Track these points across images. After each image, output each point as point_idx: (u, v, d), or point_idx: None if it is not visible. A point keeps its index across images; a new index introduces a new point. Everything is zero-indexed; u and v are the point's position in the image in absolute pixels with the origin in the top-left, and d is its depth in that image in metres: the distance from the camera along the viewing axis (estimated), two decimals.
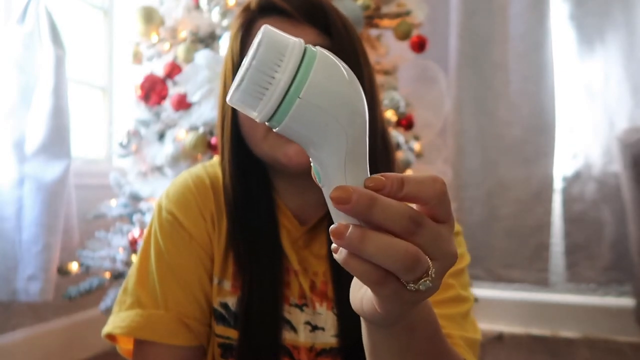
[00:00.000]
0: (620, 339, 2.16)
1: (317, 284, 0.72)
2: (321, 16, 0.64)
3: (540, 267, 2.23)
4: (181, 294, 0.68)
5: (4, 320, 1.64)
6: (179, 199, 0.71)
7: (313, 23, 0.64)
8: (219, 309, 0.71)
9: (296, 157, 0.64)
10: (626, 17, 2.16)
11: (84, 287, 1.45)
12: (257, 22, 0.65)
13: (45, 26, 1.55)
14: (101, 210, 1.62)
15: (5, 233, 1.52)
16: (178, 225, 0.69)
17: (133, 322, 0.66)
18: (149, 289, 0.68)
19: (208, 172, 0.73)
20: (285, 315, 0.70)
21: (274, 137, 0.64)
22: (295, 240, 0.72)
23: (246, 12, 0.67)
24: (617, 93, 2.17)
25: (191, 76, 1.41)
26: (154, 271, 0.68)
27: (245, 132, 0.66)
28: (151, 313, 0.66)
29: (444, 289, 0.65)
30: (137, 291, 0.68)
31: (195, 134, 1.41)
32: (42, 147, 1.54)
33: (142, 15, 1.60)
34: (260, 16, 0.65)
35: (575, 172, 2.22)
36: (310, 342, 0.71)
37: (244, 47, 0.65)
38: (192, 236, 0.69)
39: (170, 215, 0.70)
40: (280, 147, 0.64)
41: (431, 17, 2.10)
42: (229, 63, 0.67)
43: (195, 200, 0.71)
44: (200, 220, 0.70)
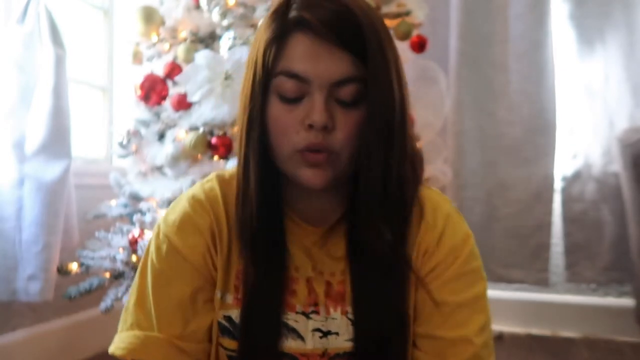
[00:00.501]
0: (620, 339, 2.16)
1: (333, 285, 0.71)
2: (358, 41, 0.61)
3: (540, 267, 2.23)
4: (176, 316, 0.68)
5: (4, 320, 1.64)
6: (175, 223, 0.71)
7: (349, 47, 0.61)
8: (223, 322, 0.71)
9: (314, 180, 0.64)
10: (626, 17, 2.16)
11: (84, 287, 1.46)
12: (291, 35, 0.63)
13: (45, 26, 1.55)
14: (101, 210, 1.62)
15: (5, 233, 1.52)
16: (174, 250, 0.70)
17: (131, 344, 0.67)
18: (146, 310, 0.69)
19: (205, 189, 0.73)
20: (290, 324, 0.70)
21: (298, 159, 0.64)
22: (310, 244, 0.72)
23: (280, 21, 0.64)
24: (617, 93, 2.17)
25: (191, 76, 1.41)
26: (150, 292, 0.69)
27: (273, 145, 0.65)
28: (147, 335, 0.68)
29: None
30: (136, 311, 0.70)
31: (195, 134, 1.41)
32: (42, 147, 1.54)
33: (142, 15, 1.60)
34: (296, 29, 0.63)
35: (575, 172, 2.22)
36: (321, 348, 0.71)
37: (277, 61, 0.63)
38: (187, 260, 0.70)
39: (166, 240, 0.70)
40: (300, 169, 0.64)
41: (431, 17, 2.10)
42: (259, 71, 0.64)
43: (192, 223, 0.70)
44: (198, 241, 0.70)
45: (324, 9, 0.62)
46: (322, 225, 0.72)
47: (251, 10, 1.48)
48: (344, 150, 0.63)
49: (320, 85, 0.62)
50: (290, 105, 0.63)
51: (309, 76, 0.62)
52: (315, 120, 0.61)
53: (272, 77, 0.63)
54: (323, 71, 0.61)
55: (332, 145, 0.63)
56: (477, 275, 0.71)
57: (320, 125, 0.61)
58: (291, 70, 0.62)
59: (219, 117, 1.39)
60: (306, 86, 0.62)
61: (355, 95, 0.62)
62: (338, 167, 0.64)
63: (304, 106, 0.63)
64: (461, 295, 0.69)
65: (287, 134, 0.63)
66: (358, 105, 0.63)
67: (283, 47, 0.63)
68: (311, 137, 0.62)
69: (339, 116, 0.63)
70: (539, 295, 2.33)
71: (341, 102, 0.63)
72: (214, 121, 1.40)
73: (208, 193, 0.72)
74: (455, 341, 0.67)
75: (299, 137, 0.63)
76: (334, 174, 0.64)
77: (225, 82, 1.39)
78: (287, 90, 0.63)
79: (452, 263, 0.69)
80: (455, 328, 0.68)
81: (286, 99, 0.63)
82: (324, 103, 0.61)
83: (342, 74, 0.61)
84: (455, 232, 0.71)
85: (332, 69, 0.61)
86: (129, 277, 1.44)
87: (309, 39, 0.62)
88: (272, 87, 0.64)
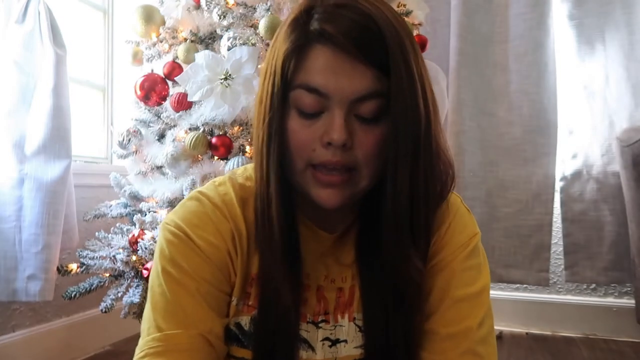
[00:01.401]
0: (620, 339, 2.16)
1: (345, 291, 0.71)
2: (381, 54, 0.58)
3: (540, 267, 2.23)
4: (198, 309, 0.63)
5: (4, 321, 1.64)
6: (192, 222, 0.66)
7: (371, 62, 0.58)
8: (234, 329, 0.69)
9: (328, 201, 0.62)
10: (626, 17, 2.16)
11: (84, 287, 1.45)
12: (312, 47, 0.60)
13: (45, 26, 1.55)
14: (101, 210, 1.62)
15: (5, 233, 1.52)
16: (188, 240, 0.65)
17: (151, 349, 0.61)
18: (164, 312, 0.63)
19: (219, 192, 0.69)
20: (302, 334, 0.69)
21: (310, 176, 0.62)
22: (323, 249, 0.70)
23: (300, 31, 0.61)
24: (617, 93, 2.17)
25: (191, 76, 1.41)
26: (166, 292, 0.63)
27: (289, 158, 0.62)
28: (168, 334, 0.61)
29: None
30: (154, 315, 0.64)
31: (195, 134, 1.41)
32: (42, 147, 1.54)
33: (142, 15, 1.60)
34: (316, 41, 0.59)
35: (575, 172, 2.22)
36: (330, 357, 0.70)
37: (297, 73, 0.60)
38: (210, 258, 0.65)
39: (179, 231, 0.65)
40: (314, 187, 0.62)
41: (431, 17, 2.10)
42: (278, 82, 0.61)
43: (212, 224, 0.66)
44: (220, 243, 0.66)
45: (346, 20, 0.58)
46: (333, 232, 0.70)
47: (251, 10, 1.48)
48: (362, 168, 0.61)
49: (340, 101, 0.59)
50: (309, 120, 0.61)
51: (329, 91, 0.59)
52: (334, 138, 0.58)
53: (291, 89, 0.61)
54: (344, 87, 0.58)
55: (350, 163, 0.60)
56: (479, 272, 0.70)
57: (339, 143, 0.59)
58: (310, 84, 0.59)
59: (219, 117, 1.39)
60: (326, 101, 0.59)
61: (376, 112, 0.60)
62: (356, 186, 0.62)
63: (322, 122, 0.60)
64: (462, 290, 0.67)
65: (304, 149, 0.61)
66: (379, 122, 0.60)
67: (303, 59, 0.60)
68: (329, 155, 0.60)
69: (359, 133, 0.60)
70: (539, 295, 2.33)
71: (362, 119, 0.60)
72: (214, 121, 1.40)
73: (223, 197, 0.68)
74: (453, 335, 0.66)
75: (316, 153, 0.60)
76: (352, 193, 0.62)
77: (225, 82, 1.39)
78: (306, 105, 0.60)
79: (455, 257, 0.68)
80: (453, 323, 0.67)
81: (305, 114, 0.61)
82: (343, 120, 0.59)
83: (364, 89, 0.59)
84: (462, 229, 0.71)
85: (353, 84, 0.58)
86: (129, 277, 1.44)
87: (330, 51, 0.59)
88: (290, 99, 0.61)
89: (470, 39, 2.27)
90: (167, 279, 0.64)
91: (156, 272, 0.65)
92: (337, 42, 0.58)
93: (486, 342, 0.68)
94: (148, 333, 0.62)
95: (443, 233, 0.69)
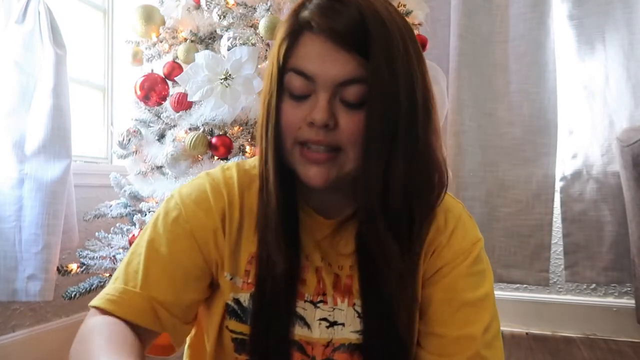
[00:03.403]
0: (620, 339, 2.16)
1: (342, 278, 0.73)
2: (364, 43, 0.62)
3: (540, 267, 2.23)
4: (163, 282, 0.68)
5: (4, 321, 1.64)
6: (190, 197, 0.72)
7: (355, 50, 0.62)
8: (232, 304, 0.72)
9: (314, 179, 0.65)
10: (626, 17, 2.16)
11: (84, 287, 1.45)
12: (304, 35, 0.65)
13: (45, 26, 1.55)
14: (101, 210, 1.62)
15: (5, 233, 1.52)
16: (182, 220, 0.71)
17: (107, 295, 0.67)
18: (133, 268, 0.69)
19: (225, 174, 0.75)
20: (299, 312, 0.72)
21: (297, 154, 0.65)
22: (321, 236, 0.73)
23: (295, 20, 0.66)
24: (617, 93, 2.17)
25: (191, 76, 1.41)
26: (143, 252, 0.69)
27: (281, 138, 0.67)
28: (126, 289, 0.67)
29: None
30: (126, 269, 0.70)
31: (195, 134, 1.41)
32: (42, 147, 1.54)
33: (142, 15, 1.60)
34: (306, 29, 0.65)
35: (575, 172, 2.22)
36: (327, 338, 0.72)
37: (289, 58, 0.65)
38: (192, 234, 0.70)
39: (178, 208, 0.72)
40: (301, 164, 0.65)
41: (431, 17, 2.10)
42: (275, 68, 0.67)
43: (207, 202, 0.72)
44: (207, 221, 0.71)
45: (334, 11, 0.63)
46: (334, 218, 0.73)
47: (251, 10, 1.47)
48: (348, 150, 0.64)
49: (325, 84, 0.63)
50: (298, 102, 0.65)
51: (315, 75, 0.63)
52: (316, 119, 0.62)
53: (285, 72, 0.66)
54: (328, 71, 0.63)
55: (333, 143, 0.64)
56: (483, 278, 0.72)
57: (321, 123, 0.62)
58: (299, 68, 0.64)
59: (219, 117, 1.39)
60: (312, 85, 0.64)
61: (360, 97, 0.63)
62: (342, 167, 0.65)
63: (309, 104, 0.64)
64: (467, 295, 0.70)
65: (291, 128, 0.65)
66: (363, 107, 0.63)
67: (295, 46, 0.65)
68: (312, 134, 0.63)
69: (343, 116, 0.63)
70: (539, 295, 2.33)
71: (346, 103, 0.64)
72: (214, 121, 1.40)
73: (227, 179, 0.74)
74: (459, 339, 0.69)
75: (301, 131, 0.64)
76: (338, 173, 0.65)
77: (225, 82, 1.39)
78: (295, 88, 0.65)
79: (460, 264, 0.71)
80: (459, 327, 0.69)
81: (294, 96, 0.65)
82: (327, 102, 0.63)
83: (347, 74, 0.62)
84: (465, 235, 0.73)
85: (337, 69, 0.63)
86: None
87: (317, 39, 0.63)
88: (285, 82, 0.66)
89: (470, 39, 2.27)
90: (148, 244, 0.70)
91: (144, 231, 0.72)
92: (323, 31, 0.63)
93: (492, 346, 0.70)
94: (114, 282, 0.69)
95: (446, 240, 0.72)
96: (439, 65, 1.96)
